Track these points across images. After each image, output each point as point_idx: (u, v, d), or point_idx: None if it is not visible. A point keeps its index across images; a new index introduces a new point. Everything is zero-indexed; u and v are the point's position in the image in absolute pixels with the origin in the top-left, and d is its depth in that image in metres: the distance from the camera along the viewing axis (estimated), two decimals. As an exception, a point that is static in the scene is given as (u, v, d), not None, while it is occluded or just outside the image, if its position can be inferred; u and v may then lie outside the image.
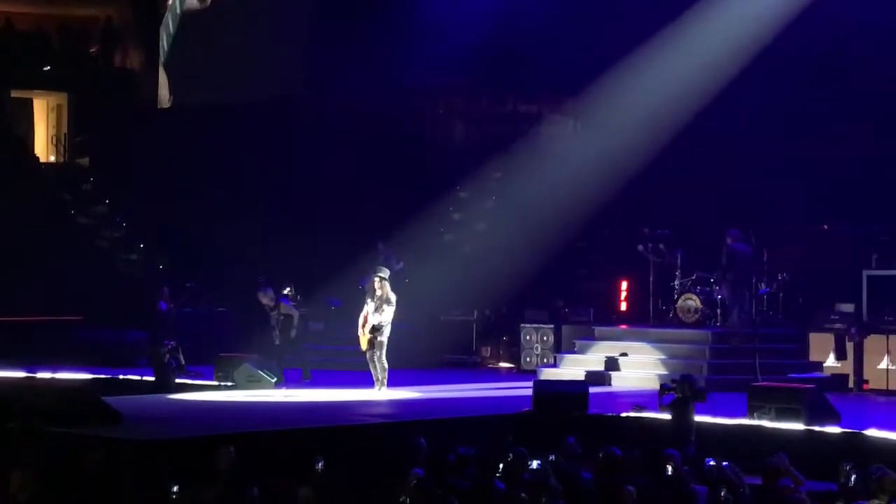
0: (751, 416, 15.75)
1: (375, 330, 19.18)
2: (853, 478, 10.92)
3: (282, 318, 21.20)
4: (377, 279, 19.32)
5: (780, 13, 23.19)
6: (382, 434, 14.80)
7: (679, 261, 22.43)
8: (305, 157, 27.99)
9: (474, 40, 25.30)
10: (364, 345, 19.33)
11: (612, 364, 21.34)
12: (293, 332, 21.24)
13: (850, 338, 20.68)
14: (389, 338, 19.27)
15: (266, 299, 21.18)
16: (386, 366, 19.24)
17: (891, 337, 20.34)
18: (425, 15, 26.29)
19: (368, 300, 19.34)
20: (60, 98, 32.52)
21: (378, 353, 19.19)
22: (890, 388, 20.13)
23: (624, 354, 21.50)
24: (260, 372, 20.05)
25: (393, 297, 19.23)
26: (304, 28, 29.33)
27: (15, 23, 31.70)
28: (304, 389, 20.38)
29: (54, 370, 20.57)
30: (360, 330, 19.35)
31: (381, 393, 19.18)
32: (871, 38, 22.68)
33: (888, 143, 22.65)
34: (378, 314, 19.16)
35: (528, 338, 24.07)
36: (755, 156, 23.73)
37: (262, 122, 29.03)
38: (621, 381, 20.76)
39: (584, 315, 24.05)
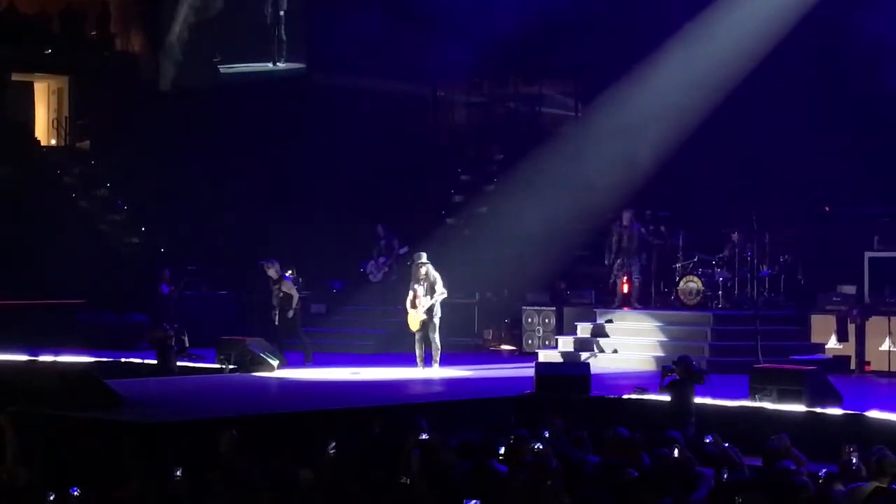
0: (752, 398, 15.70)
1: (429, 312, 19.86)
2: (854, 459, 10.88)
3: (281, 295, 21.30)
4: (420, 266, 20.07)
5: (785, 15, 23.25)
6: (384, 416, 14.78)
7: (681, 243, 22.45)
8: (307, 141, 27.97)
9: (479, 25, 25.23)
10: (415, 326, 20.03)
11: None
12: (290, 313, 21.28)
13: (852, 319, 20.65)
14: (441, 317, 20.00)
15: (272, 271, 21.47)
16: (439, 345, 19.98)
17: (892, 318, 20.31)
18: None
19: (416, 286, 20.03)
20: (61, 81, 32.47)
21: (432, 333, 19.90)
22: (892, 369, 20.11)
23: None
24: (262, 354, 20.08)
25: (438, 276, 20.00)
26: (306, 10, 29.24)
27: (17, 5, 31.63)
28: (307, 370, 20.42)
29: (56, 353, 20.58)
30: (409, 313, 20.04)
31: (435, 370, 19.86)
32: (874, 32, 22.66)
33: (890, 125, 22.60)
34: (430, 296, 19.87)
35: (529, 320, 24.10)
36: (756, 138, 23.70)
37: (263, 105, 28.98)
38: (624, 364, 20.71)
39: (586, 297, 24.05)
